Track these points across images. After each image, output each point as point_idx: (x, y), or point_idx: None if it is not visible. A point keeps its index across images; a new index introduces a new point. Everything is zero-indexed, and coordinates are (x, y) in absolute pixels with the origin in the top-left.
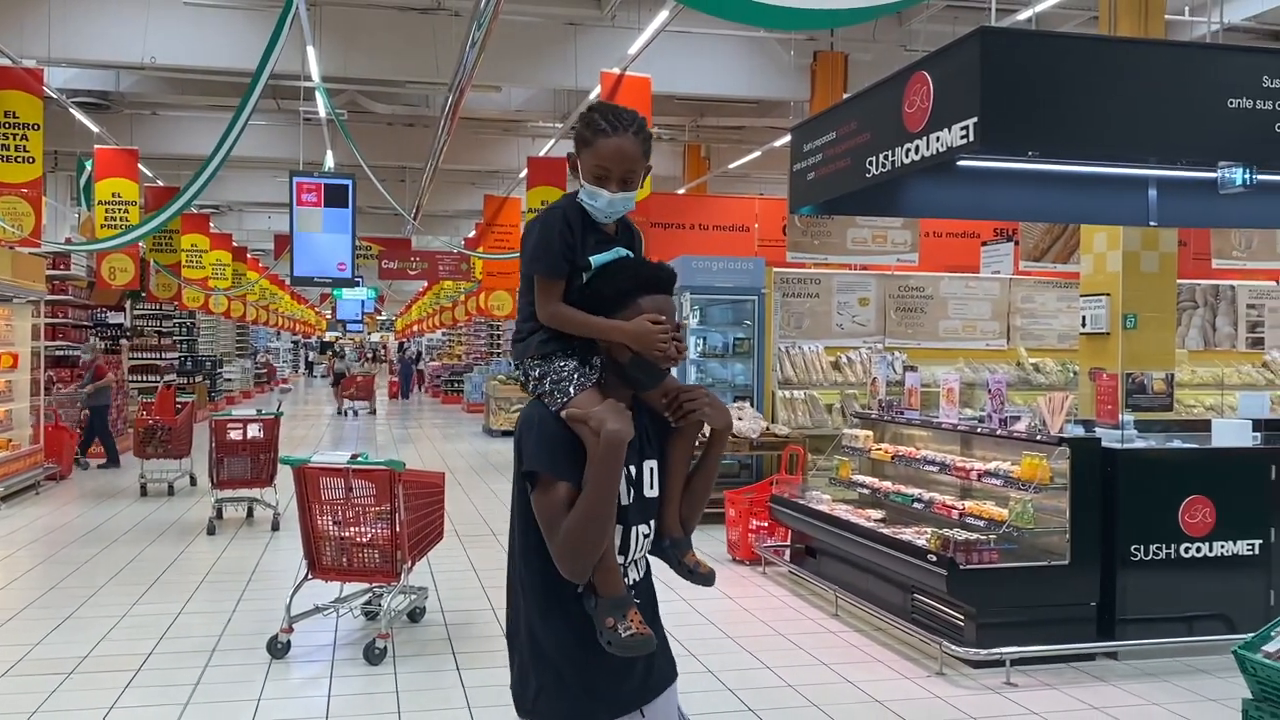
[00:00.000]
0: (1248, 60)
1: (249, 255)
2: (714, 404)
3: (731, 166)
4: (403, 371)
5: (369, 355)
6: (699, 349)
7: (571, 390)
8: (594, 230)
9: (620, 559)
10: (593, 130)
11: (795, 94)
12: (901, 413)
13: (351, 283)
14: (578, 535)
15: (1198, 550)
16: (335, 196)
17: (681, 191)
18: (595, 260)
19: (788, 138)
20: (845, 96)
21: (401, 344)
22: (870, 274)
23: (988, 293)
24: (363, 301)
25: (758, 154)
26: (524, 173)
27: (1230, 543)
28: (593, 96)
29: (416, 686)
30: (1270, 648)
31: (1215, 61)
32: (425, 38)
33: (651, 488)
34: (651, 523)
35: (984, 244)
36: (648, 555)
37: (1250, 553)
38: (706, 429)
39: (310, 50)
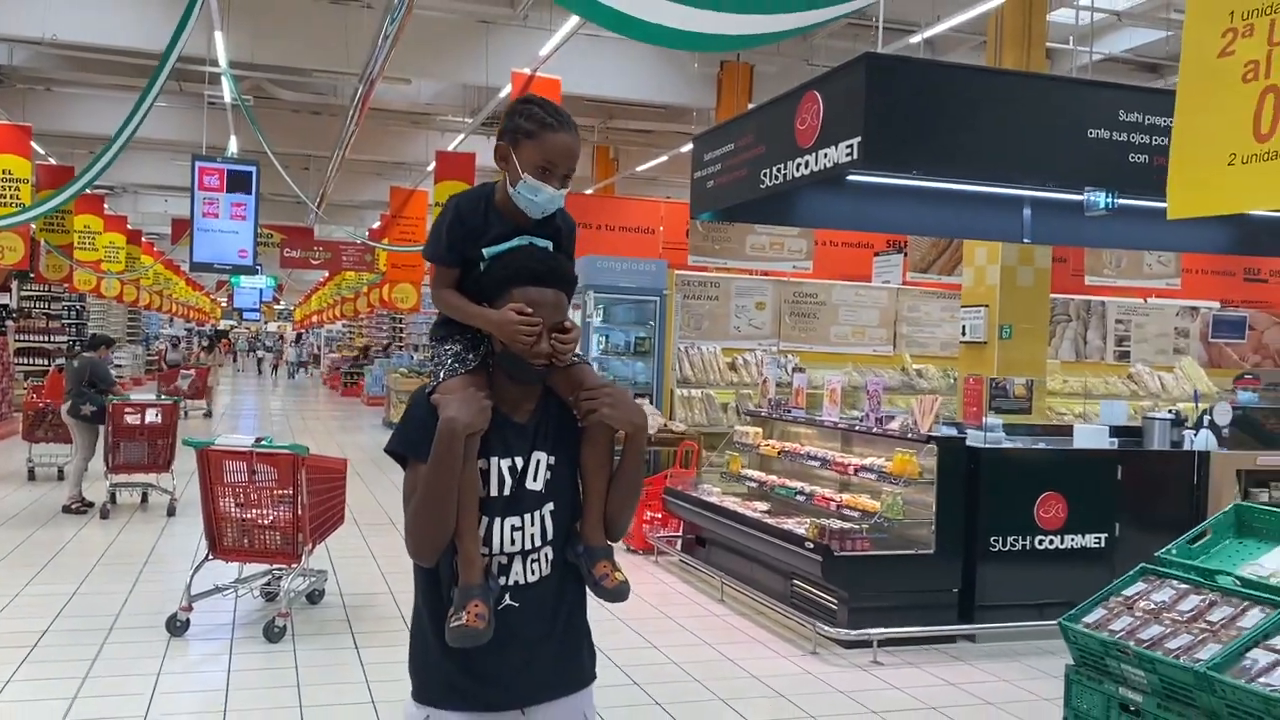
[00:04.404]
0: (1106, 95)
1: (144, 239)
2: (617, 403)
3: (639, 169)
4: None
5: (205, 344)
6: (601, 347)
7: (442, 375)
8: (500, 221)
9: (484, 550)
10: (537, 123)
11: (701, 102)
12: (789, 411)
13: (252, 270)
14: (413, 516)
15: (1050, 542)
16: (238, 183)
17: (590, 192)
18: (489, 251)
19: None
20: (749, 107)
21: (299, 335)
22: (767, 279)
23: (876, 301)
24: (261, 290)
25: (665, 158)
26: (432, 166)
27: (1079, 536)
28: (503, 95)
29: (316, 663)
30: (1089, 619)
31: (1078, 94)
32: (336, 27)
33: (535, 480)
34: (534, 516)
35: (876, 254)
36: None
37: (1097, 545)
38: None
39: (218, 35)
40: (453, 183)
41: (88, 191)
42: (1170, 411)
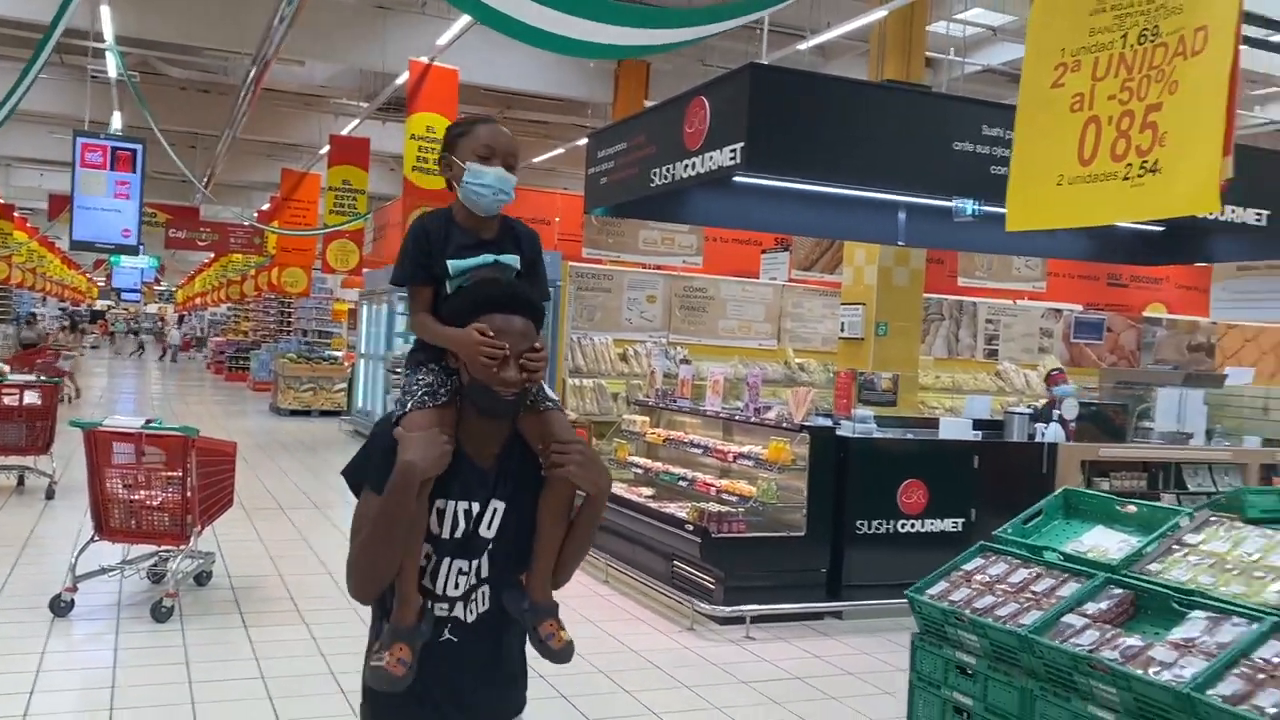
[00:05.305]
0: (970, 110)
1: (16, 214)
2: (587, 463)
3: (536, 160)
4: None
5: (66, 324)
6: None
7: (409, 407)
8: (461, 234)
9: (428, 585)
10: (468, 124)
11: (598, 96)
12: (675, 401)
13: (134, 250)
14: (359, 550)
15: (912, 526)
16: (123, 160)
17: None
18: (453, 265)
19: None
20: (646, 104)
21: (181, 317)
22: (659, 274)
23: (763, 297)
24: (142, 270)
25: (561, 151)
26: (325, 149)
27: (939, 520)
28: (400, 81)
29: (204, 642)
30: (933, 590)
31: (944, 109)
32: (229, 5)
33: (490, 528)
34: (478, 562)
35: (764, 252)
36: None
37: (955, 529)
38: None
39: (104, 8)
40: (347, 167)
41: None
42: (1029, 407)
